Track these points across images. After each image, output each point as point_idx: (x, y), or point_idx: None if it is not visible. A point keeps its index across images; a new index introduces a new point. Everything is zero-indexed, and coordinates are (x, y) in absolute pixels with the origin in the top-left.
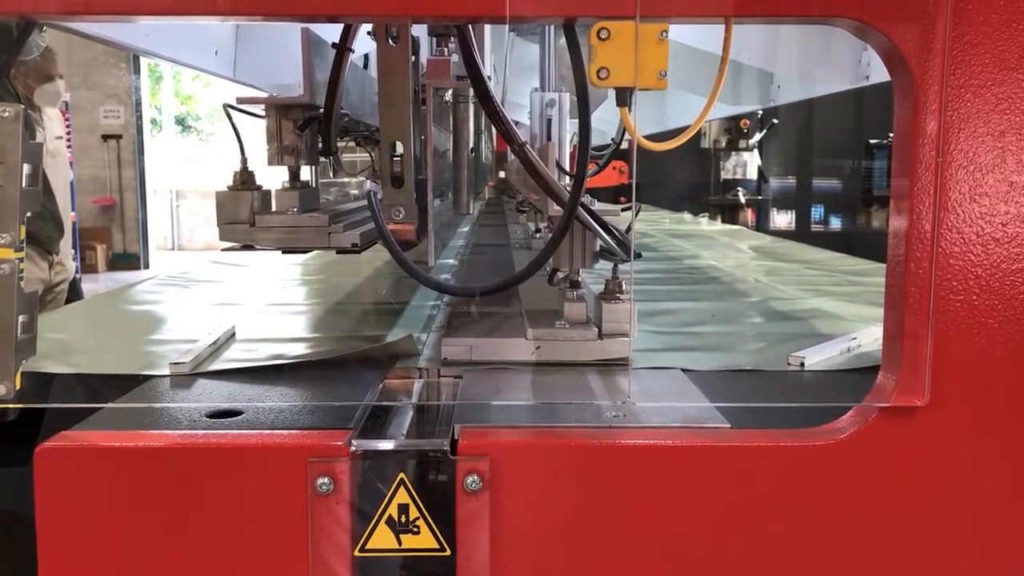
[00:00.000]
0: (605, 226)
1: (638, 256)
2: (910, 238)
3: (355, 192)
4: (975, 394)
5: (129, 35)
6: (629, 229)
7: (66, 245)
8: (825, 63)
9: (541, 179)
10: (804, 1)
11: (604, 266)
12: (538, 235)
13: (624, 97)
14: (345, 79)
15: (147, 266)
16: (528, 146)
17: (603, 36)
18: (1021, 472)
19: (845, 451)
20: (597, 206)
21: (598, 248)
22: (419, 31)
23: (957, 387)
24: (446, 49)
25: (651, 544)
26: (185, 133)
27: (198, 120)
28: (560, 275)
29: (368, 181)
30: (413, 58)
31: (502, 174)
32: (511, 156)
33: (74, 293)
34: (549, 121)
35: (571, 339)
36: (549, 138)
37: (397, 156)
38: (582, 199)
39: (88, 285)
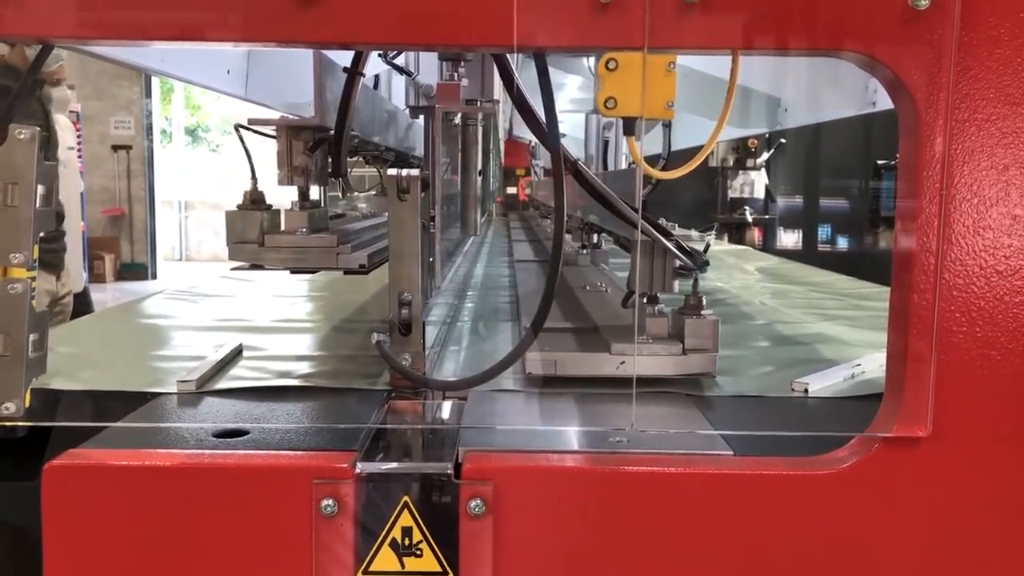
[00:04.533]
0: (676, 245)
1: (706, 264)
2: (914, 270)
3: (363, 206)
4: (978, 426)
5: (142, 56)
6: (707, 248)
7: (76, 257)
8: (831, 89)
9: (599, 196)
10: (810, 35)
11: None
12: (584, 251)
13: (631, 127)
14: (356, 102)
15: (155, 276)
16: (581, 163)
17: (611, 67)
18: (1023, 505)
19: (847, 480)
20: (678, 231)
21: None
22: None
23: (960, 418)
24: (456, 74)
25: (653, 570)
26: (195, 144)
27: (208, 131)
28: (634, 298)
29: (375, 334)
30: None
31: (511, 190)
32: (535, 175)
33: (84, 304)
34: (606, 143)
35: (656, 354)
36: (606, 162)
37: (405, 306)
38: (658, 220)
39: (96, 295)
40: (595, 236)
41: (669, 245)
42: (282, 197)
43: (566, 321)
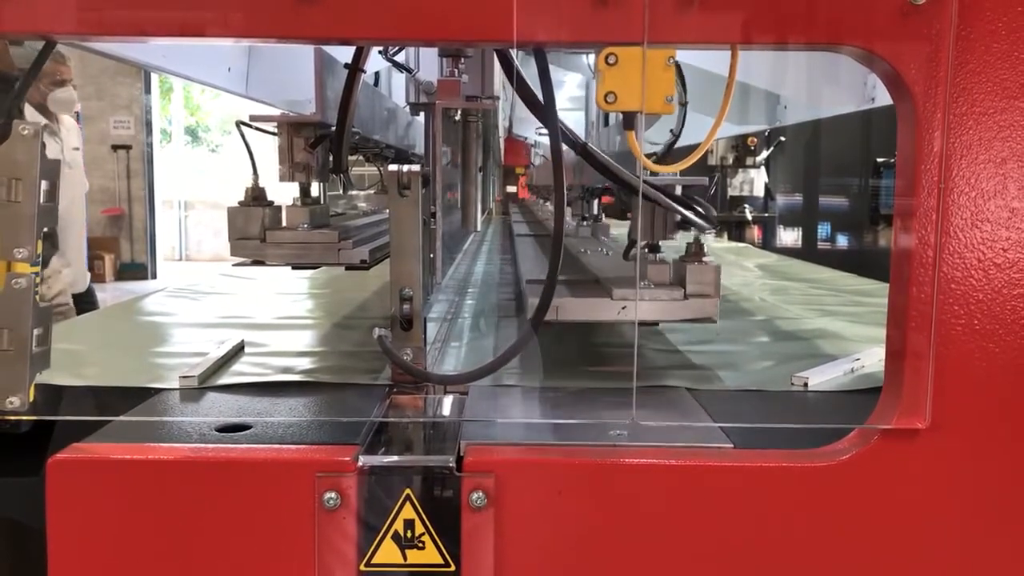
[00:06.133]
0: (684, 202)
1: (715, 226)
2: (912, 263)
3: (363, 205)
4: (976, 418)
5: (142, 53)
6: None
7: (80, 257)
8: (831, 85)
9: (607, 170)
10: (809, 29)
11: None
12: (584, 223)
13: (631, 121)
14: (357, 99)
15: (154, 276)
16: (591, 145)
17: (611, 61)
18: (1021, 497)
19: (846, 472)
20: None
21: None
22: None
23: (958, 410)
24: (456, 70)
25: (654, 563)
26: (195, 144)
27: (208, 131)
28: (636, 248)
29: (377, 329)
30: None
31: (510, 188)
32: (532, 168)
33: (89, 304)
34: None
35: (658, 299)
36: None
37: (407, 301)
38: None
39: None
40: (595, 206)
41: (683, 211)
42: (283, 194)
43: (565, 274)
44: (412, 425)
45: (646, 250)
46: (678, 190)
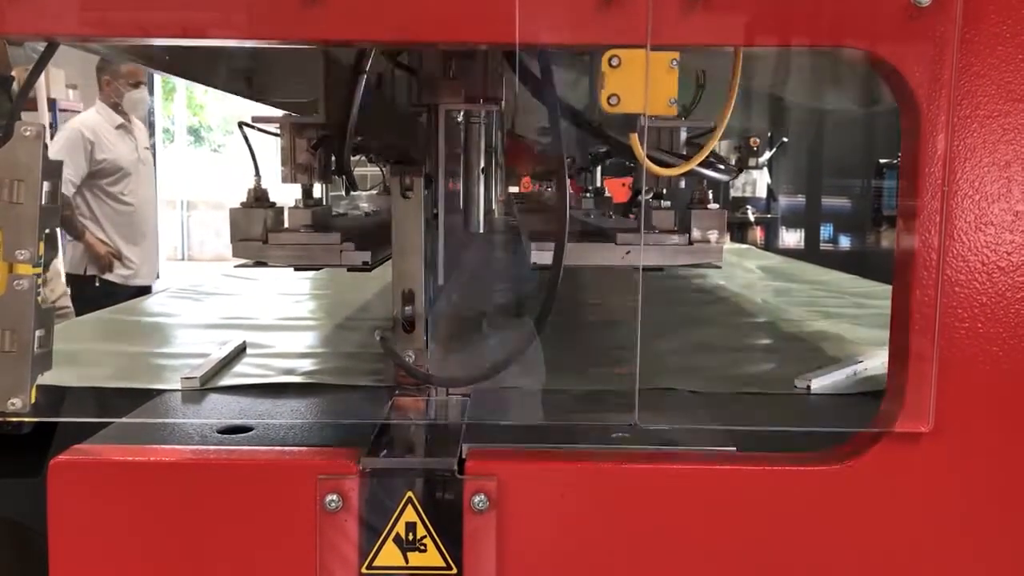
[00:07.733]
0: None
1: (740, 171)
2: (916, 266)
3: (364, 205)
4: (979, 421)
5: (147, 57)
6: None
7: (152, 252)
8: (833, 86)
9: (621, 144)
10: (813, 31)
11: None
12: (587, 194)
13: (634, 123)
14: (359, 100)
15: (157, 276)
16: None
17: (614, 63)
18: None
19: (849, 476)
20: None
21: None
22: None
23: (962, 414)
24: (459, 71)
25: (657, 567)
26: (197, 144)
27: (210, 131)
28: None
29: (377, 331)
30: None
31: (513, 189)
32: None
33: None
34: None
35: (662, 243)
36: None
37: (409, 303)
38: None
39: None
40: (598, 177)
41: (705, 171)
42: (285, 195)
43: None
44: (414, 428)
45: (651, 197)
46: (682, 134)
